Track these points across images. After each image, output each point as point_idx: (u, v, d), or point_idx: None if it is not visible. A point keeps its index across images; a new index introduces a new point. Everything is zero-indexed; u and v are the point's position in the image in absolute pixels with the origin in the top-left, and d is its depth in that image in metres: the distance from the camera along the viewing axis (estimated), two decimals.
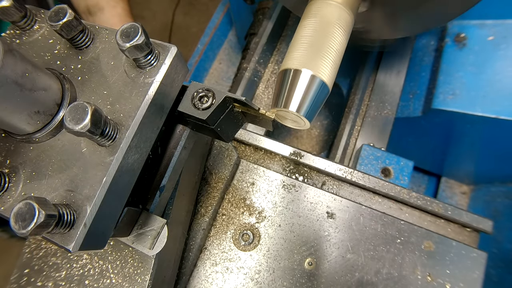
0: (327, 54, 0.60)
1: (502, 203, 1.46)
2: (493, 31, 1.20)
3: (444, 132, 1.34)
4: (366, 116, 1.14)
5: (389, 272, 0.77)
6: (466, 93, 1.17)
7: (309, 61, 0.58)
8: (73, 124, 0.36)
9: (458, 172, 1.67)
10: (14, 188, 0.44)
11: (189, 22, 3.18)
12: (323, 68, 0.59)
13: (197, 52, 1.83)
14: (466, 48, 1.22)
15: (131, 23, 0.43)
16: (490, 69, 1.17)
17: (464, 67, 1.20)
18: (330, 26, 0.62)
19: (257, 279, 0.78)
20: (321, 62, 0.59)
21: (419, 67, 1.35)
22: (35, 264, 0.61)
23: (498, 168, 1.44)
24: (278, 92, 0.59)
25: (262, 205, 0.83)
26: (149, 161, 0.57)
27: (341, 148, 1.09)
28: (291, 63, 0.59)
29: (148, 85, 0.46)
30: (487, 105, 1.14)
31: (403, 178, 1.00)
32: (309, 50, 0.60)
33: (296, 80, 0.57)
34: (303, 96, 0.57)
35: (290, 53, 0.62)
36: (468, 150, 1.44)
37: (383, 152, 1.03)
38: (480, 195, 1.63)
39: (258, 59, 1.17)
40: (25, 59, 0.40)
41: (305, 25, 0.64)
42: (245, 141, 0.88)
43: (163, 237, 0.54)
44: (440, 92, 1.21)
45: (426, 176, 1.83)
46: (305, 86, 0.57)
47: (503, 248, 1.34)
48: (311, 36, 0.61)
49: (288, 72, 0.59)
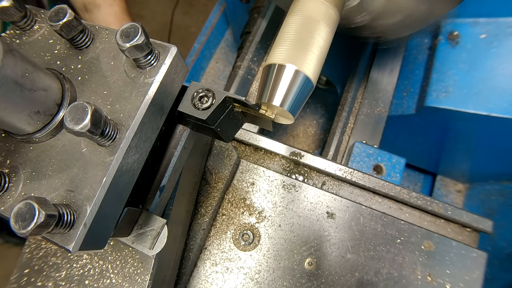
0: (311, 49, 0.60)
1: (496, 201, 1.46)
2: (485, 29, 1.20)
3: (438, 130, 1.35)
4: (359, 113, 1.13)
5: (389, 272, 0.77)
6: (459, 90, 1.18)
7: (293, 56, 0.58)
8: (73, 124, 0.36)
9: (453, 170, 1.67)
10: (14, 188, 0.44)
11: (188, 21, 3.18)
12: (307, 63, 0.59)
13: (193, 51, 1.83)
14: (459, 46, 1.23)
15: (131, 23, 0.43)
16: (483, 67, 1.17)
17: (457, 65, 1.21)
18: (315, 22, 0.63)
19: (257, 279, 0.78)
20: (305, 57, 0.59)
21: (413, 65, 1.35)
22: (35, 264, 0.61)
23: (493, 166, 1.44)
24: (262, 86, 0.59)
25: (262, 205, 0.83)
26: (149, 161, 0.57)
27: (333, 145, 1.09)
28: (276, 58, 0.59)
29: (148, 85, 0.46)
30: (479, 102, 1.14)
31: (395, 175, 1.00)
32: (294, 46, 0.60)
33: (280, 75, 0.57)
34: (287, 90, 0.57)
35: (274, 48, 0.62)
36: (462, 148, 1.44)
37: (375, 149, 1.03)
38: (475, 193, 1.63)
39: (252, 57, 1.17)
40: (25, 59, 0.40)
41: (290, 21, 0.64)
42: (245, 141, 0.88)
43: (163, 237, 0.54)
44: (433, 89, 1.21)
45: (421, 174, 1.83)
46: (289, 81, 0.57)
47: (497, 246, 1.34)
48: (296, 32, 0.62)
49: (273, 67, 0.59)
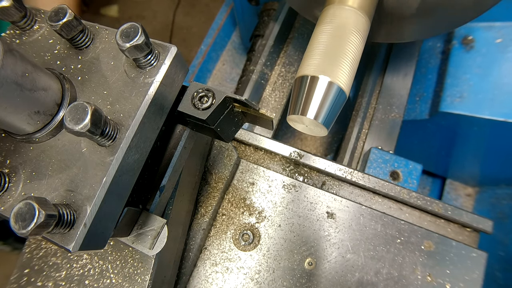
0: (344, 60, 0.59)
1: (508, 206, 1.44)
2: (501, 34, 1.18)
3: (450, 134, 1.33)
4: (374, 119, 1.13)
5: (389, 272, 0.77)
6: (474, 96, 1.16)
7: (326, 67, 0.57)
8: (73, 124, 0.36)
9: (463, 174, 1.65)
10: (14, 188, 0.44)
11: (190, 22, 3.18)
12: (341, 74, 0.58)
13: (200, 53, 1.81)
14: (474, 51, 1.21)
15: (131, 23, 0.43)
16: (498, 71, 1.15)
17: (472, 70, 1.19)
18: (347, 31, 0.62)
19: (257, 279, 0.78)
20: (338, 68, 0.58)
21: (426, 69, 1.34)
22: (35, 264, 0.61)
23: (504, 170, 1.43)
24: (295, 99, 0.58)
25: (262, 205, 0.83)
26: (149, 161, 0.57)
27: (348, 151, 1.08)
28: (308, 69, 0.58)
29: (148, 85, 0.46)
30: (495, 108, 1.12)
31: (412, 181, 0.99)
32: (326, 56, 0.59)
33: (314, 87, 0.56)
34: (321, 103, 0.56)
35: (306, 59, 0.61)
36: (474, 152, 1.42)
37: (391, 155, 1.02)
38: (485, 197, 1.61)
39: (265, 61, 1.16)
40: (25, 59, 0.40)
41: (322, 30, 0.63)
42: (245, 141, 0.88)
43: (163, 237, 0.54)
44: (447, 95, 1.20)
45: (430, 178, 1.81)
46: (323, 93, 0.56)
47: (510, 251, 1.32)
48: (328, 42, 0.60)
49: (305, 78, 0.58)
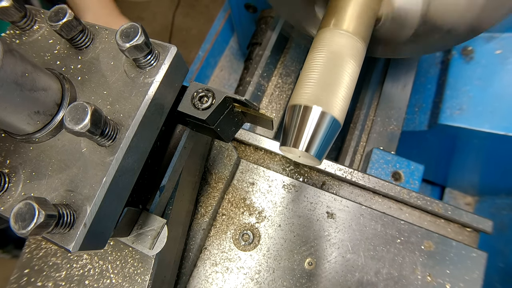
0: (338, 88, 0.56)
1: (508, 216, 1.41)
2: (501, 45, 1.16)
3: (450, 145, 1.31)
4: (372, 132, 1.11)
5: (389, 272, 0.77)
6: (473, 108, 1.13)
7: (319, 96, 0.55)
8: (73, 124, 0.36)
9: (463, 183, 1.63)
10: (14, 188, 0.44)
11: (190, 23, 3.18)
12: (334, 103, 0.55)
13: (198, 59, 1.79)
14: (473, 62, 1.18)
15: (131, 23, 0.43)
16: (498, 83, 1.13)
17: (471, 81, 1.16)
18: (342, 58, 0.58)
19: (257, 279, 0.78)
20: (332, 97, 0.55)
21: (425, 79, 1.31)
22: (35, 264, 0.61)
23: (505, 180, 1.40)
24: (287, 129, 0.56)
25: (262, 205, 0.83)
26: (149, 161, 0.57)
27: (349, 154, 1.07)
28: (301, 98, 0.56)
29: (148, 85, 0.46)
30: (495, 121, 1.09)
31: (414, 182, 0.98)
32: (319, 85, 0.56)
33: (306, 118, 0.54)
34: (313, 134, 0.53)
35: (299, 87, 0.58)
36: (473, 163, 1.40)
37: (393, 156, 1.01)
38: (485, 206, 1.59)
39: (262, 72, 1.14)
40: (25, 59, 0.40)
41: (315, 57, 0.60)
42: (245, 141, 0.88)
43: (163, 237, 0.54)
44: (446, 107, 1.17)
45: (429, 186, 1.79)
46: (315, 124, 0.53)
47: (510, 262, 1.30)
48: (321, 70, 0.57)
49: (298, 108, 0.55)
